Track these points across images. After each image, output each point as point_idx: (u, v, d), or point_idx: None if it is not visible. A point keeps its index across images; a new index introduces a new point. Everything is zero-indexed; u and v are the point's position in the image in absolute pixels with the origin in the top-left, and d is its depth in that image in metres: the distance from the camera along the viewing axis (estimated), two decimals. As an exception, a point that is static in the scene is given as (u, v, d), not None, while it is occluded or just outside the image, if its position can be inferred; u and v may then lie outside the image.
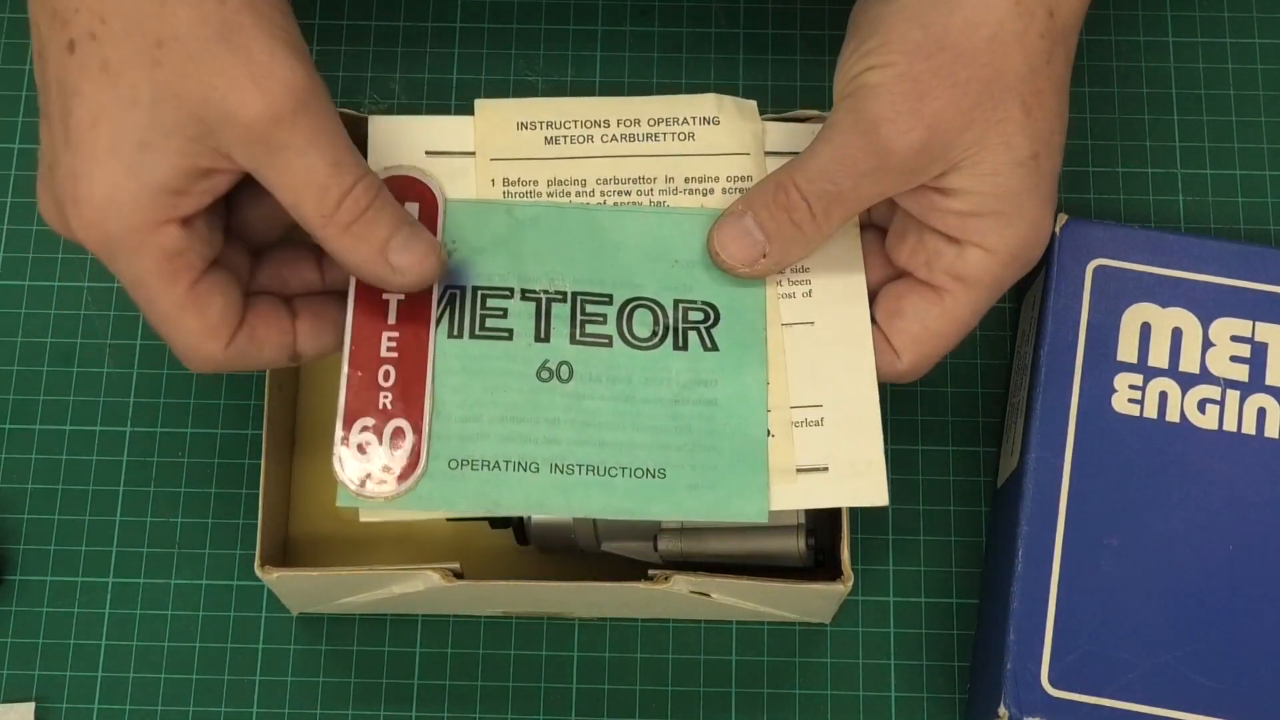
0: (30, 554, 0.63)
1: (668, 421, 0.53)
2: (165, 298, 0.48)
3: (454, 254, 0.54)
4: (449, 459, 0.52)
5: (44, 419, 0.64)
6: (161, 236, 0.47)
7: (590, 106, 0.56)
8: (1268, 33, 0.69)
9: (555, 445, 0.52)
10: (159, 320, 0.49)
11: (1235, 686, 0.55)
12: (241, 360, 0.50)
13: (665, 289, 0.54)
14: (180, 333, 0.49)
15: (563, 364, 0.53)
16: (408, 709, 0.61)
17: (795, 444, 0.53)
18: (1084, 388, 0.58)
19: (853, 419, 0.53)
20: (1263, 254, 0.59)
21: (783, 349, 0.54)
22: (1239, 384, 0.58)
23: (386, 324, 0.52)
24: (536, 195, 0.55)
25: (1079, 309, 0.59)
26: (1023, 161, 0.51)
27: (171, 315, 0.49)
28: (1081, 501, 0.57)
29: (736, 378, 0.53)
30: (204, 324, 0.49)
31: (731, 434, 0.53)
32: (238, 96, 0.46)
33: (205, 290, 0.49)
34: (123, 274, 0.48)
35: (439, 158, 0.55)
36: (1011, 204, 0.51)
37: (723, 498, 0.52)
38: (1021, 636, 0.55)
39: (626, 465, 0.52)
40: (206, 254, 0.49)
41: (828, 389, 0.54)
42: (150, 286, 0.48)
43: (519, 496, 0.52)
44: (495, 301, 0.53)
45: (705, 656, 0.62)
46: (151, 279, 0.48)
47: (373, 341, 0.52)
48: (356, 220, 0.49)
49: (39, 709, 0.61)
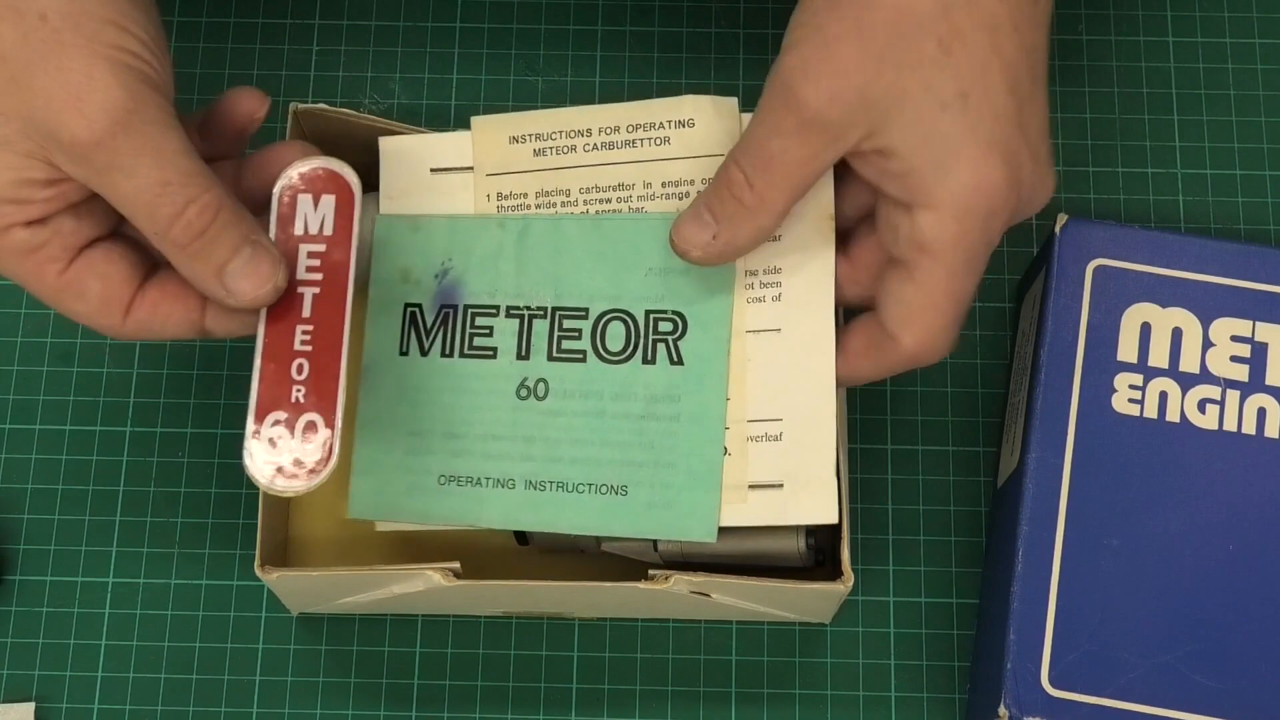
0: (30, 554, 0.63)
1: (633, 437, 0.54)
2: (39, 289, 0.49)
3: (450, 272, 0.56)
4: (439, 475, 0.55)
5: (44, 419, 0.64)
6: (9, 239, 0.48)
7: (574, 116, 0.57)
8: (1268, 33, 0.69)
9: (530, 462, 0.55)
10: (50, 305, 0.50)
11: (1236, 686, 0.55)
12: (147, 332, 0.50)
13: (639, 299, 0.55)
14: (70, 313, 0.50)
15: (540, 381, 0.55)
16: (408, 709, 0.61)
17: (749, 460, 0.54)
18: (1084, 388, 0.58)
19: (809, 435, 0.54)
20: (1263, 254, 0.59)
21: (746, 359, 0.54)
22: (1239, 384, 0.58)
23: (300, 317, 0.51)
24: (526, 208, 0.56)
25: (1079, 309, 0.58)
26: (948, 103, 0.48)
27: (52, 300, 0.49)
28: (1082, 501, 0.56)
29: (698, 394, 0.54)
30: (87, 305, 0.49)
31: (689, 452, 0.54)
32: (57, 119, 0.46)
33: (78, 275, 0.49)
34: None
35: (443, 174, 0.57)
36: (945, 151, 0.48)
37: (677, 517, 0.54)
38: (1022, 636, 0.55)
39: (593, 482, 0.54)
40: (74, 242, 0.49)
41: (788, 402, 0.54)
42: (20, 281, 0.49)
43: (497, 512, 0.55)
44: (483, 320, 0.56)
45: (705, 656, 0.62)
46: (18, 275, 0.49)
47: (286, 335, 0.51)
48: (192, 242, 0.48)
49: (39, 709, 0.61)
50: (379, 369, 0.56)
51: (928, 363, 0.52)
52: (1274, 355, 0.58)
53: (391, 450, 0.56)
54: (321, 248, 0.52)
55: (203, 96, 0.68)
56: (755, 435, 0.54)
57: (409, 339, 0.56)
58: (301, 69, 0.68)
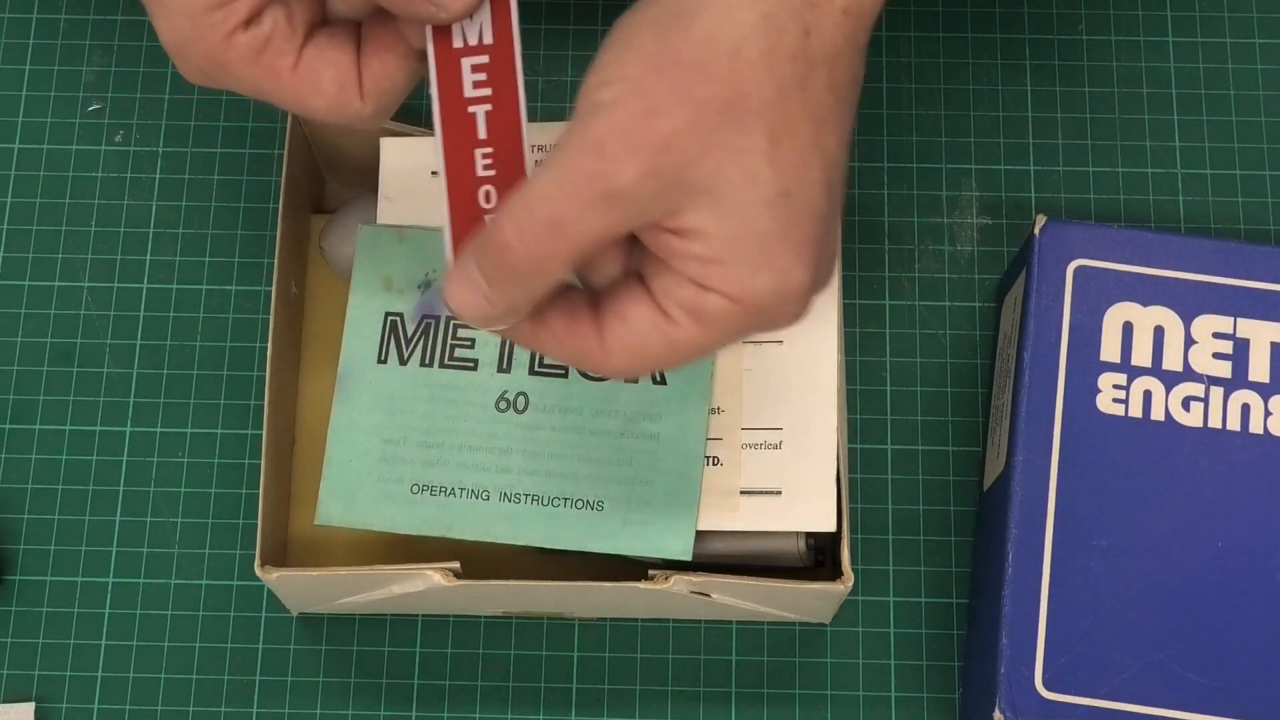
0: (30, 554, 0.63)
1: (612, 454, 0.55)
2: (276, 91, 0.48)
3: (434, 283, 0.56)
4: (412, 484, 0.55)
5: (44, 419, 0.64)
6: (235, 47, 0.47)
7: None
8: (1268, 33, 0.69)
9: (506, 474, 0.55)
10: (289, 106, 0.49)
11: (1228, 683, 0.55)
12: (382, 100, 0.49)
13: None
14: (312, 110, 0.49)
15: (520, 394, 0.56)
16: (408, 709, 0.61)
17: (743, 468, 0.54)
18: (1068, 389, 0.58)
19: (810, 445, 0.54)
20: (1241, 250, 0.59)
21: (744, 369, 0.55)
22: (1222, 380, 0.58)
23: (477, 139, 0.48)
24: None
25: (1061, 310, 0.59)
26: (770, 200, 0.44)
27: (294, 100, 0.48)
28: (1069, 503, 0.57)
29: (680, 413, 0.55)
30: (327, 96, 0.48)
31: (668, 470, 0.54)
32: None
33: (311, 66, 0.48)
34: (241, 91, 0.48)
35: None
36: (757, 249, 0.44)
37: (653, 533, 0.54)
38: (1014, 640, 0.55)
39: (569, 496, 0.55)
40: (293, 33, 0.48)
41: (789, 412, 0.55)
42: (260, 90, 0.48)
43: (469, 523, 0.55)
44: (465, 332, 0.56)
45: (705, 656, 0.62)
46: (254, 83, 0.48)
47: (467, 162, 0.48)
48: None
49: (39, 709, 0.61)
50: (355, 376, 0.56)
51: (600, 371, 0.47)
52: (1256, 351, 0.58)
53: (364, 458, 0.56)
54: (485, 59, 0.48)
55: (204, 96, 0.68)
56: (752, 443, 0.54)
57: (388, 347, 0.56)
58: (302, 69, 0.68)
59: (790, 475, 0.54)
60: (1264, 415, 0.57)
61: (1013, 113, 0.68)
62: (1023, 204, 0.67)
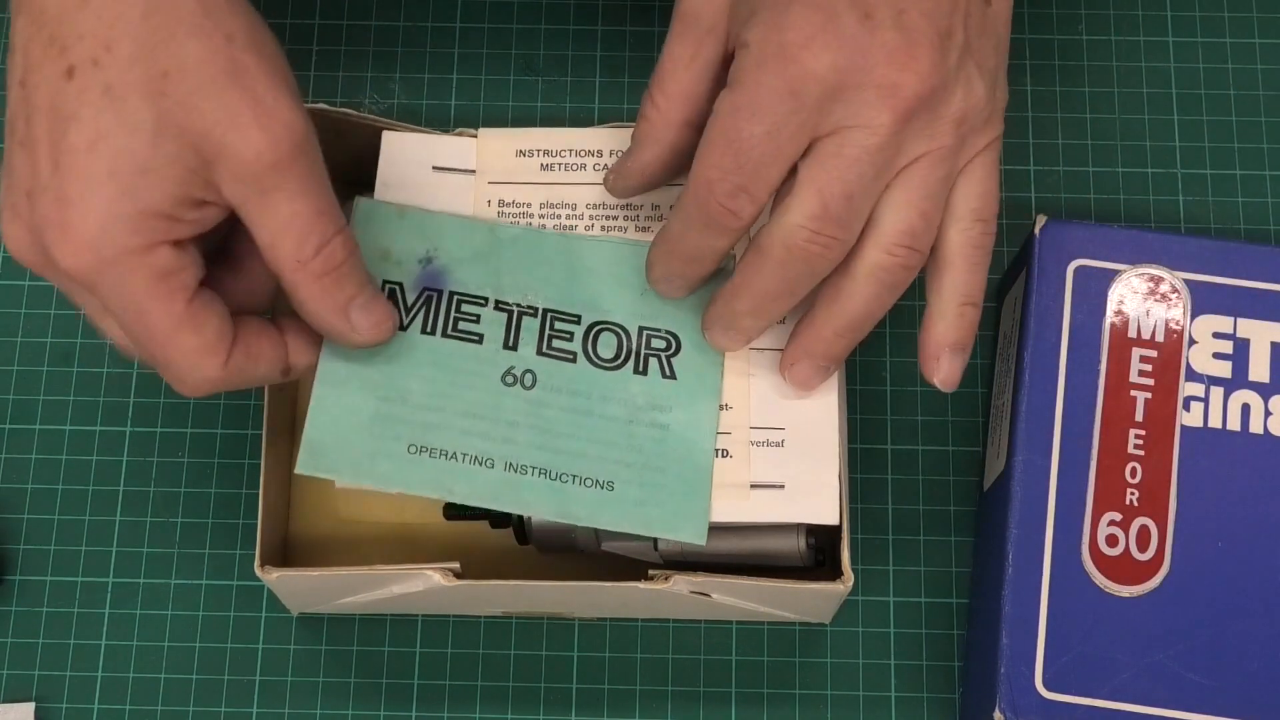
0: (30, 554, 0.63)
1: (621, 439, 0.54)
2: (162, 317, 0.48)
3: (434, 261, 0.56)
4: (409, 443, 0.53)
5: (44, 419, 0.64)
6: (155, 257, 0.47)
7: (586, 137, 0.57)
8: (1268, 33, 0.69)
9: (511, 445, 0.54)
10: (155, 342, 0.48)
11: (1230, 683, 0.55)
12: (240, 376, 0.50)
13: (632, 315, 0.55)
14: (178, 353, 0.49)
15: (527, 372, 0.55)
16: (408, 709, 0.61)
17: (751, 462, 0.54)
18: (1068, 389, 0.58)
19: (812, 443, 0.54)
20: (1242, 250, 0.59)
21: (749, 374, 0.55)
22: (1222, 380, 0.58)
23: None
24: (529, 217, 0.57)
25: (1061, 310, 0.58)
26: None
27: (169, 334, 0.48)
28: (1070, 503, 0.57)
29: (690, 407, 0.54)
30: (202, 341, 0.48)
31: (679, 459, 0.54)
32: (240, 134, 0.46)
33: (202, 307, 0.48)
34: (111, 299, 0.48)
35: (444, 173, 0.57)
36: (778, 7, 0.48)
37: (667, 515, 0.53)
38: (1014, 640, 0.55)
39: (577, 473, 0.54)
40: (197, 274, 0.49)
41: (791, 414, 0.55)
42: (145, 308, 0.48)
43: (472, 488, 0.53)
44: (469, 307, 0.55)
45: (705, 656, 0.62)
46: (146, 299, 0.48)
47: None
48: (329, 273, 0.49)
49: (39, 709, 0.61)
50: None
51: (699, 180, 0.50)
52: (1256, 351, 0.58)
53: (357, 413, 0.54)
54: None
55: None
56: (758, 440, 0.54)
57: None
58: (302, 69, 0.68)
59: (794, 471, 0.54)
60: (1264, 415, 0.57)
61: (1012, 112, 0.68)
62: (1022, 204, 0.67)
